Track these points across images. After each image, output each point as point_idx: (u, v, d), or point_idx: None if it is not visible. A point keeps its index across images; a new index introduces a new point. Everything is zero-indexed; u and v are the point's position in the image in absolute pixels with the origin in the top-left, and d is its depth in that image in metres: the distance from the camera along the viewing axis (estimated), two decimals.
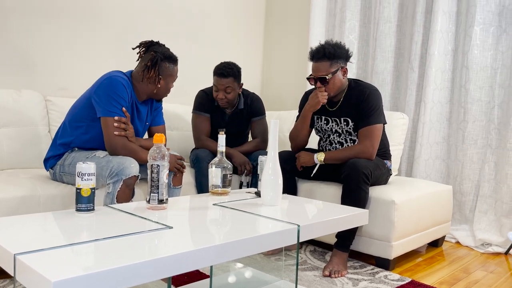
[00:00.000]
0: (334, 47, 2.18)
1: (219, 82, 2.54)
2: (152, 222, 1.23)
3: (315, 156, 2.21)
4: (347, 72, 2.24)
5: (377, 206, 2.13)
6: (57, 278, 0.77)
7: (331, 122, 2.31)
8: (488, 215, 2.71)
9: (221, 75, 2.53)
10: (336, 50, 2.17)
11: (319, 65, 2.18)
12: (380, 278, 2.01)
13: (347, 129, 2.27)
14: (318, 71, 2.19)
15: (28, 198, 1.82)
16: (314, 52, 2.21)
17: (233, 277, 1.84)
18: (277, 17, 3.94)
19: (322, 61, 2.17)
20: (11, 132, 2.33)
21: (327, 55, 2.16)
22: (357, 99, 2.21)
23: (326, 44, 2.19)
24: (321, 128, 2.37)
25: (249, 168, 2.54)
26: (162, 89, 2.08)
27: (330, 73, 2.17)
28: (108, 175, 1.80)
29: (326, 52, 2.16)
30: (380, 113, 2.19)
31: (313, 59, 2.22)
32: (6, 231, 1.07)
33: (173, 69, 2.08)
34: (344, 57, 2.21)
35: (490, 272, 2.22)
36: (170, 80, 2.10)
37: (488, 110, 2.74)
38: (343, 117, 2.26)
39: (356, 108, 2.21)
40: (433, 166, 2.95)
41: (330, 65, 2.17)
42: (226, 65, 2.55)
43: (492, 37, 2.71)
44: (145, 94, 2.09)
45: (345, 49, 2.21)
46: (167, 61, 2.05)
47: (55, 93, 2.72)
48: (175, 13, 3.32)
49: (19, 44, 2.56)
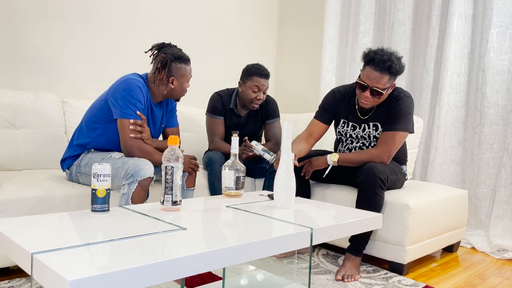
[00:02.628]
0: (399, 63, 2.03)
1: (261, 83, 2.57)
2: (166, 223, 1.24)
3: (328, 157, 2.17)
4: (394, 86, 2.14)
5: (391, 210, 2.11)
6: (73, 277, 0.78)
7: (359, 128, 2.23)
8: (504, 221, 2.66)
9: (265, 76, 2.57)
10: (400, 67, 2.04)
11: (380, 76, 2.01)
12: (393, 283, 1.99)
13: (375, 134, 2.20)
14: (376, 82, 2.03)
15: (45, 198, 1.85)
16: (379, 60, 2.00)
17: (246, 279, 1.84)
18: (290, 20, 3.95)
19: (385, 74, 2.01)
20: (29, 133, 2.37)
21: (392, 71, 2.01)
22: (391, 104, 2.14)
23: (394, 58, 2.02)
24: (345, 133, 2.29)
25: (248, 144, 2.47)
26: (176, 89, 2.10)
27: (386, 88, 2.05)
28: (124, 176, 1.82)
29: (392, 67, 2.00)
30: (408, 121, 2.12)
31: (372, 64, 2.03)
32: (23, 231, 1.09)
33: (185, 68, 2.09)
34: (401, 74, 2.09)
35: (506, 278, 2.18)
36: (184, 80, 2.10)
37: (505, 114, 2.70)
38: (373, 122, 2.19)
39: (387, 113, 2.14)
40: (448, 170, 2.91)
41: (389, 79, 2.04)
42: (263, 67, 2.60)
43: (509, 39, 2.67)
44: (159, 96, 2.11)
45: (404, 66, 2.09)
46: (178, 62, 2.07)
47: (72, 95, 2.76)
48: (189, 16, 3.34)
49: (37, 46, 2.61)
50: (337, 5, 3.46)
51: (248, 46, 3.80)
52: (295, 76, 3.91)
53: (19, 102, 2.37)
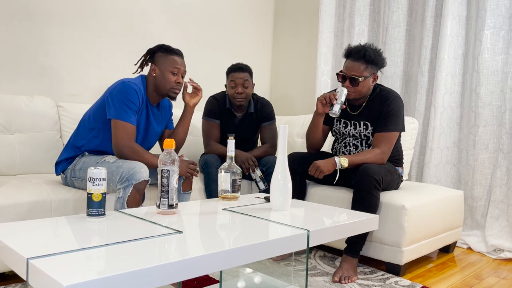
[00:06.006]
0: (374, 52, 2.16)
1: (236, 76, 2.59)
2: (162, 227, 1.24)
3: (337, 161, 2.12)
4: (377, 80, 2.23)
5: (387, 211, 2.12)
6: (69, 282, 0.78)
7: (350, 125, 2.30)
8: (500, 221, 2.67)
9: (238, 69, 2.60)
10: (376, 56, 2.16)
11: (355, 64, 2.16)
12: (390, 284, 1.99)
13: (365, 133, 2.26)
14: (351, 70, 2.16)
15: (40, 203, 1.84)
16: (353, 50, 2.17)
17: (243, 282, 1.84)
18: (286, 22, 3.96)
19: (359, 62, 2.15)
20: (24, 137, 2.36)
21: (366, 58, 2.14)
22: (380, 104, 2.20)
23: (368, 47, 2.17)
24: (338, 130, 2.37)
25: (251, 163, 2.50)
26: (159, 79, 2.07)
27: (363, 76, 2.15)
28: (119, 180, 1.82)
29: (366, 54, 2.14)
30: (399, 121, 2.19)
31: (350, 57, 2.18)
32: (18, 236, 1.09)
33: (167, 57, 2.07)
34: (380, 65, 2.20)
35: (502, 278, 2.19)
36: (166, 69, 2.06)
37: (500, 114, 2.71)
38: (363, 121, 2.26)
39: (377, 113, 2.21)
40: (443, 171, 2.92)
41: (365, 68, 2.16)
42: (240, 63, 2.64)
43: (502, 40, 2.69)
44: (153, 92, 2.11)
45: (383, 57, 2.21)
46: (160, 51, 2.08)
47: (67, 99, 2.75)
48: (184, 20, 3.35)
49: (31, 50, 2.60)
50: (332, 7, 3.48)
51: (244, 48, 3.80)
52: (291, 78, 3.92)
53: (14, 106, 2.36)
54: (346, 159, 2.13)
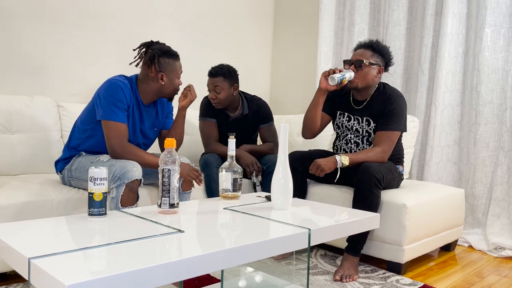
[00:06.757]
0: (382, 45, 2.26)
1: (208, 81, 2.61)
2: (164, 226, 1.24)
3: (338, 160, 2.12)
4: (382, 73, 2.26)
5: (388, 210, 2.12)
6: (71, 281, 0.78)
7: (353, 120, 2.31)
8: (501, 219, 2.67)
9: (210, 74, 2.61)
10: (383, 48, 2.25)
11: (361, 51, 2.24)
12: (392, 283, 2.00)
13: (367, 129, 2.27)
14: (359, 55, 2.23)
15: (41, 202, 1.84)
16: (362, 42, 2.29)
17: (244, 281, 1.84)
18: (285, 21, 3.95)
19: (367, 49, 2.24)
20: (24, 137, 2.36)
21: (373, 47, 2.23)
22: (383, 103, 2.21)
23: (376, 40, 2.28)
24: (341, 124, 2.37)
25: (257, 168, 2.53)
26: (167, 86, 2.07)
27: (369, 62, 2.20)
28: (111, 179, 1.81)
29: (373, 44, 2.24)
30: (401, 121, 2.20)
31: (360, 47, 2.28)
32: (20, 236, 1.09)
33: (174, 63, 2.06)
34: (386, 59, 2.27)
35: (503, 276, 2.19)
36: (174, 76, 2.07)
37: (500, 112, 2.71)
38: (366, 117, 2.27)
39: (380, 111, 2.22)
40: (444, 169, 2.92)
41: (372, 55, 2.22)
42: (217, 66, 2.62)
43: (503, 38, 2.69)
44: (151, 94, 2.08)
45: (390, 54, 2.28)
46: (166, 56, 2.04)
47: (67, 99, 2.75)
48: (182, 19, 3.34)
49: (31, 50, 2.60)
50: (332, 6, 3.47)
51: (243, 48, 3.80)
52: (291, 78, 3.91)
53: (14, 107, 2.36)
54: (347, 157, 2.12)
